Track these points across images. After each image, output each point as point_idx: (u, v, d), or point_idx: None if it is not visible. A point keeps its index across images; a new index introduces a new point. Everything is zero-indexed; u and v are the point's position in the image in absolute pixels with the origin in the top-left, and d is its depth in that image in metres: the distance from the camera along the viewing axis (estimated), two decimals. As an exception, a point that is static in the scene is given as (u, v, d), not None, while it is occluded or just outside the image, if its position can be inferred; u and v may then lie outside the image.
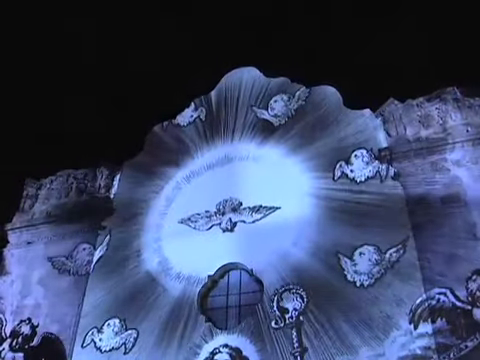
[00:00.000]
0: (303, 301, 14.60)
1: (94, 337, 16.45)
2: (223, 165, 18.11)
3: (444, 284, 13.19)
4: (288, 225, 16.00)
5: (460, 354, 12.32)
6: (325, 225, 15.55)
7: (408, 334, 12.96)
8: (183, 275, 16.29)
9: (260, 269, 15.52)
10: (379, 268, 14.28)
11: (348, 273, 14.56)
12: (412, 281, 13.58)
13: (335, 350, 13.42)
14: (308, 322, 14.19)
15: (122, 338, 16.01)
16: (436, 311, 13.00)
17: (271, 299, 15.00)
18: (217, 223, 17.02)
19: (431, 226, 14.08)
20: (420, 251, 13.88)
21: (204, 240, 16.70)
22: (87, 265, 17.70)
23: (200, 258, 16.16)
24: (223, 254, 16.15)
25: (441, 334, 12.65)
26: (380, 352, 12.98)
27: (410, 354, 12.72)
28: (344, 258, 14.80)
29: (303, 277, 14.96)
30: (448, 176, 14.51)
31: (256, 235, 16.25)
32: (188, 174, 18.39)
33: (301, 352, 13.83)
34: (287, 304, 14.74)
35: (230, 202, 17.18)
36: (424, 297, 13.27)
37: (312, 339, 13.88)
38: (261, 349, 14.31)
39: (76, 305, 16.79)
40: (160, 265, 16.85)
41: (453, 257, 13.40)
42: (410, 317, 13.20)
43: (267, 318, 14.75)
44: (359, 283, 14.28)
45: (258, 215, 16.65)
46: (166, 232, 17.58)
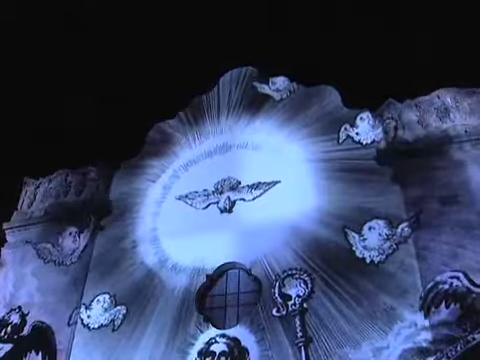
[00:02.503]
0: (307, 287, 13.76)
1: (82, 314, 15.88)
2: (220, 151, 17.50)
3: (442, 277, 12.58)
4: (290, 198, 15.39)
5: (467, 346, 11.78)
6: (329, 189, 15.02)
7: (413, 326, 12.13)
8: (180, 266, 15.54)
9: (261, 252, 14.78)
10: (390, 243, 13.62)
11: (357, 249, 13.87)
12: (416, 271, 12.90)
13: (338, 342, 12.63)
14: (312, 310, 13.35)
15: (111, 314, 15.47)
16: (449, 296, 12.26)
17: (272, 285, 14.17)
18: (215, 202, 16.42)
19: (432, 223, 13.51)
20: (423, 241, 13.28)
21: (203, 227, 15.91)
22: (72, 254, 17.29)
23: (198, 248, 15.45)
24: (222, 240, 15.37)
25: (447, 326, 12.13)
26: (384, 345, 12.21)
27: (415, 347, 11.90)
28: (352, 233, 14.10)
29: (308, 256, 14.25)
30: (447, 175, 13.98)
31: (256, 216, 15.53)
32: (186, 162, 17.74)
33: (305, 342, 12.90)
34: (290, 290, 13.87)
35: (228, 181, 16.57)
36: (435, 281, 12.56)
37: (315, 329, 13.06)
38: (261, 339, 13.44)
39: (71, 301, 16.23)
40: (156, 256, 16.09)
41: (457, 248, 13.05)
42: (420, 303, 12.44)
43: (268, 306, 13.89)
44: (369, 260, 13.64)
45: (258, 191, 16.04)
46: (163, 221, 16.87)
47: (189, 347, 14.09)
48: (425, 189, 13.93)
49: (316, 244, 14.39)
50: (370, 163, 15.10)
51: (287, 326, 13.43)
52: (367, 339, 12.49)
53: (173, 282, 15.38)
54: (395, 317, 12.57)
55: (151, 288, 15.49)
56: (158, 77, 25.56)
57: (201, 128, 18.36)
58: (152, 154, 18.53)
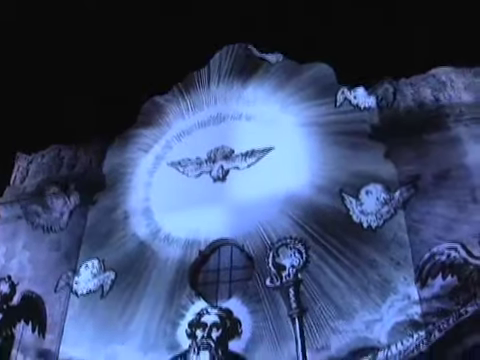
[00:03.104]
0: (302, 257, 13.47)
1: (69, 280, 15.75)
2: (214, 122, 17.08)
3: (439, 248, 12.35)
4: (285, 164, 15.04)
5: (459, 319, 11.67)
6: (325, 154, 14.71)
7: (406, 299, 11.92)
8: (172, 237, 15.28)
9: (256, 221, 14.46)
10: (388, 208, 13.37)
11: (354, 214, 13.59)
12: (410, 244, 12.65)
13: (330, 314, 12.43)
14: (306, 281, 13.09)
15: (100, 280, 15.35)
16: (446, 267, 12.02)
17: (266, 255, 13.89)
18: (207, 171, 16.09)
19: (425, 195, 13.26)
20: (417, 214, 13.02)
21: (196, 197, 15.58)
22: (61, 218, 17.15)
23: (191, 219, 15.14)
24: (216, 209, 15.07)
25: (440, 299, 12.04)
26: (377, 317, 12.04)
27: (407, 319, 11.75)
28: (349, 197, 13.81)
29: (304, 222, 13.97)
30: (441, 152, 13.64)
31: (250, 184, 15.21)
32: (179, 133, 17.32)
33: (299, 313, 12.68)
34: (284, 260, 13.58)
35: (221, 150, 16.20)
36: (432, 252, 12.35)
37: (308, 300, 12.83)
38: (254, 310, 13.24)
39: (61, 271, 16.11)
40: (148, 227, 15.82)
41: (452, 222, 12.87)
42: (417, 274, 12.19)
43: (261, 276, 13.62)
44: (366, 224, 13.37)
45: (252, 159, 15.67)
46: (155, 191, 16.58)
47: (180, 318, 13.91)
48: (419, 166, 13.62)
49: (312, 210, 14.09)
50: (367, 127, 14.80)
51: (281, 297, 13.20)
52: (360, 311, 12.26)
53: (166, 254, 15.11)
54: (388, 290, 12.33)
55: (143, 260, 15.25)
56: (154, 53, 25.16)
57: (194, 99, 17.89)
58: (145, 124, 18.13)
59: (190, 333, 13.64)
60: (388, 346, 11.81)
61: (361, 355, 11.91)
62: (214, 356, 13.16)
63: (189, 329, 13.67)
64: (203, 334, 13.46)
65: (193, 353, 13.36)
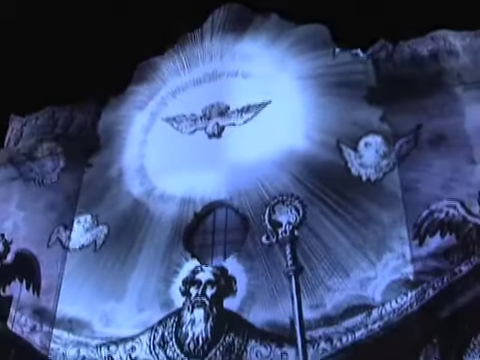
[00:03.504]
0: (298, 214, 13.31)
1: (60, 235, 15.75)
2: (210, 79, 16.72)
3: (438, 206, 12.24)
4: (282, 118, 14.80)
5: (454, 278, 11.63)
6: (323, 106, 14.43)
7: (401, 258, 11.87)
8: (167, 195, 15.10)
9: (253, 177, 14.25)
10: (388, 161, 13.20)
11: (353, 166, 13.45)
12: (407, 203, 12.50)
13: (326, 272, 12.38)
14: (302, 238, 12.96)
15: (92, 235, 15.31)
16: (445, 225, 11.94)
17: (262, 211, 13.74)
18: (202, 127, 15.83)
19: (423, 154, 13.09)
20: (414, 173, 12.85)
21: (191, 155, 15.36)
22: (53, 171, 17.00)
23: (186, 176, 14.92)
24: (211, 166, 14.83)
25: (435, 258, 12.03)
26: (372, 275, 12.01)
27: (402, 278, 11.72)
28: (347, 149, 13.65)
29: (303, 176, 13.81)
30: (438, 116, 13.38)
31: (246, 140, 14.96)
32: (174, 89, 16.98)
33: (295, 271, 12.58)
34: (280, 217, 13.42)
35: (217, 106, 15.91)
36: (431, 210, 12.24)
37: (304, 258, 12.72)
38: (249, 268, 13.16)
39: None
40: (143, 186, 15.62)
41: (450, 180, 12.80)
42: (415, 232, 12.11)
43: (257, 233, 13.48)
44: (365, 177, 13.24)
45: (248, 114, 15.40)
46: (149, 148, 16.33)
47: (174, 276, 13.84)
48: (410, 142, 13.37)
49: (311, 164, 13.92)
50: (365, 77, 14.59)
51: (277, 254, 13.11)
52: (355, 269, 12.22)
53: (160, 212, 14.98)
54: (384, 248, 12.28)
55: (138, 218, 15.11)
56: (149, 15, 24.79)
57: (190, 55, 17.50)
58: (140, 81, 17.76)
59: (184, 291, 13.58)
60: (382, 304, 11.79)
61: (356, 313, 11.89)
62: (208, 314, 13.11)
63: (183, 287, 13.61)
64: (197, 292, 13.39)
65: (187, 311, 13.31)
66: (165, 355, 13.15)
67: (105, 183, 16.17)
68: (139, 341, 13.55)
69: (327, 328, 11.96)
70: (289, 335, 12.19)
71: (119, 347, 13.67)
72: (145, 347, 13.41)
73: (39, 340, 14.63)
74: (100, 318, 14.18)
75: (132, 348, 13.53)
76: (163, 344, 13.31)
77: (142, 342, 13.51)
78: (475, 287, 11.27)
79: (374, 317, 11.75)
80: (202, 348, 12.85)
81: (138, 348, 13.49)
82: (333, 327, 11.94)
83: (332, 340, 11.82)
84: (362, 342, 11.65)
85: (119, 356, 13.56)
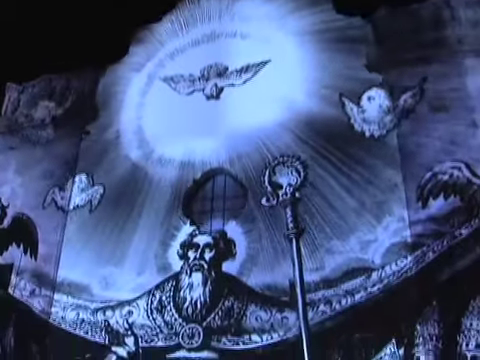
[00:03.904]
0: (299, 175, 13.04)
1: (55, 196, 15.62)
2: (208, 40, 16.29)
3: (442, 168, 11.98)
4: (282, 76, 14.42)
5: (454, 241, 11.36)
6: (324, 61, 14.06)
7: (401, 221, 11.70)
8: (165, 159, 14.87)
9: (253, 137, 13.95)
10: (392, 117, 12.86)
11: (355, 122, 13.10)
12: (408, 165, 12.23)
13: (326, 234, 12.21)
14: (303, 200, 12.72)
15: (88, 195, 15.16)
16: (449, 187, 11.74)
17: (262, 173, 13.49)
18: (200, 89, 15.46)
19: (424, 117, 12.70)
20: (416, 137, 12.53)
21: (189, 116, 15.03)
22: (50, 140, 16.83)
23: (185, 139, 14.67)
24: (210, 128, 14.51)
25: (435, 221, 11.92)
26: (372, 238, 11.84)
27: (402, 241, 11.54)
28: (350, 103, 13.28)
29: (305, 134, 13.48)
30: (439, 83, 12.97)
31: (245, 100, 14.61)
32: (172, 51, 16.57)
33: (297, 234, 12.37)
34: (281, 179, 13.16)
35: (215, 67, 15.52)
36: (434, 172, 11.97)
37: (304, 221, 12.51)
38: (249, 230, 12.98)
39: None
40: (141, 149, 15.35)
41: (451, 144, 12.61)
42: (418, 193, 11.84)
43: (257, 195, 13.26)
44: (368, 134, 12.94)
45: (248, 74, 15.01)
46: (147, 110, 16.00)
47: (171, 239, 13.69)
48: (415, 97, 13.07)
49: (313, 121, 13.58)
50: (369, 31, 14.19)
51: (277, 217, 12.90)
52: (355, 232, 12.06)
53: (159, 175, 14.77)
54: (384, 211, 12.08)
55: (136, 182, 14.92)
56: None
57: (188, 16, 16.98)
58: (137, 43, 17.39)
59: (182, 254, 13.43)
60: (382, 267, 11.67)
61: (355, 275, 11.79)
62: (207, 278, 12.96)
63: (181, 250, 13.45)
64: (195, 255, 13.22)
65: (185, 275, 13.16)
66: (163, 320, 13.03)
67: (103, 146, 15.93)
68: (136, 306, 13.42)
69: (326, 291, 11.87)
70: (289, 298, 12.08)
71: (115, 312, 13.56)
72: (142, 312, 13.28)
73: (38, 304, 14.60)
74: (99, 281, 14.12)
75: (129, 312, 13.41)
76: (161, 308, 13.18)
77: (139, 307, 13.38)
78: (475, 250, 11.15)
79: (373, 280, 11.65)
80: (200, 312, 12.70)
81: (135, 313, 13.37)
82: (332, 290, 11.85)
83: (331, 303, 11.75)
84: (361, 305, 11.58)
85: (115, 321, 13.42)
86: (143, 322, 13.16)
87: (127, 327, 13.19)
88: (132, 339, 13.02)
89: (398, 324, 11.12)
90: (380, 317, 11.29)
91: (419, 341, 10.84)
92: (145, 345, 12.97)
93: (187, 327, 12.69)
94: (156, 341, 12.96)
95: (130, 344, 12.99)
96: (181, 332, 12.70)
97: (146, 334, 13.03)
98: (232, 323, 12.44)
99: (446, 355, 10.61)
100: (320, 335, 11.64)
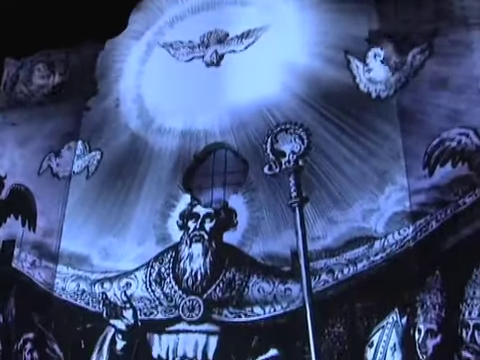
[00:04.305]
0: (303, 143, 12.65)
1: (51, 162, 15.37)
2: (208, 7, 15.72)
3: (449, 134, 11.56)
4: (284, 40, 13.94)
5: (457, 210, 11.03)
6: (328, 22, 13.52)
7: (404, 190, 11.44)
8: (165, 128, 14.47)
9: (257, 102, 13.51)
10: (399, 75, 12.41)
11: (361, 82, 12.65)
12: (412, 133, 11.89)
13: (327, 204, 11.94)
14: (305, 169, 12.37)
15: (84, 161, 14.92)
16: (457, 154, 11.39)
17: (263, 141, 13.11)
18: (199, 56, 15.00)
19: (429, 85, 12.23)
20: (420, 104, 12.11)
21: (189, 84, 14.59)
22: (51, 115, 16.38)
23: (185, 107, 14.26)
24: (211, 95, 14.06)
25: (439, 190, 11.66)
26: (374, 207, 11.56)
27: (405, 210, 11.28)
28: (355, 61, 12.83)
29: (309, 96, 13.02)
30: (440, 57, 12.47)
31: (247, 66, 14.16)
32: (171, 19, 16.06)
33: (300, 202, 12.04)
34: (283, 146, 12.76)
35: (215, 34, 15.03)
36: (442, 138, 11.58)
37: (305, 190, 12.19)
38: (251, 200, 12.64)
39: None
40: (140, 118, 14.96)
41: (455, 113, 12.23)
42: (425, 161, 11.51)
43: (258, 164, 12.91)
44: (375, 94, 12.51)
45: (250, 39, 14.53)
46: (146, 78, 15.59)
47: (170, 209, 13.41)
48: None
49: (318, 82, 13.12)
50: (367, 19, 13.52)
51: (280, 185, 12.58)
52: (358, 201, 11.78)
53: (159, 146, 14.43)
54: (386, 180, 11.78)
55: (138, 152, 14.59)
56: None
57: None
58: (137, 10, 16.90)
59: (181, 224, 13.13)
60: (385, 236, 11.45)
61: (358, 245, 11.59)
62: (207, 248, 12.66)
63: (180, 220, 13.15)
64: (195, 225, 12.92)
65: (185, 245, 12.85)
66: (162, 292, 12.77)
67: (102, 115, 15.64)
68: (134, 278, 13.16)
69: (328, 260, 11.67)
70: (291, 267, 11.90)
71: (113, 284, 13.32)
72: (141, 284, 13.01)
73: (39, 275, 14.45)
74: (99, 252, 13.90)
75: (127, 285, 13.15)
76: (160, 280, 12.89)
77: (137, 278, 13.11)
78: (479, 219, 10.92)
79: (376, 249, 11.43)
80: (201, 284, 12.42)
81: (133, 285, 13.11)
82: (334, 259, 11.65)
83: (333, 272, 11.56)
84: (364, 274, 11.39)
85: (113, 293, 13.19)
86: (142, 294, 12.92)
87: (125, 300, 12.93)
88: (131, 312, 12.80)
89: (401, 293, 10.98)
90: (383, 286, 11.14)
91: (422, 310, 10.69)
92: (144, 318, 12.75)
93: (187, 299, 12.42)
94: (155, 314, 12.73)
95: (129, 317, 12.76)
96: (181, 304, 12.44)
97: (145, 307, 12.81)
98: (233, 295, 12.16)
99: (449, 324, 10.44)
100: (322, 304, 11.47)
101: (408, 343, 10.64)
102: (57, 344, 13.48)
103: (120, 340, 12.70)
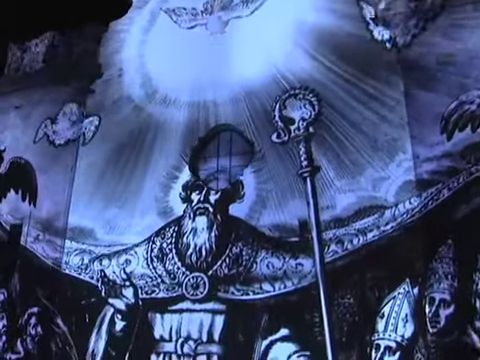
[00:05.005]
0: (313, 109, 11.96)
1: (47, 130, 14.90)
2: None
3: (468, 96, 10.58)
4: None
5: (470, 178, 11.00)
6: None
7: (415, 158, 10.89)
8: (169, 99, 13.84)
9: (264, 65, 12.73)
10: (416, 20, 11.43)
11: (375, 29, 11.85)
12: (421, 99, 10.99)
13: (336, 173, 11.35)
14: (314, 136, 11.66)
15: (80, 127, 14.31)
16: (476, 118, 10.59)
17: (271, 108, 12.38)
18: (202, 23, 14.35)
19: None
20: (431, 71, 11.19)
21: (193, 53, 13.94)
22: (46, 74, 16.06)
23: (189, 77, 13.61)
24: (216, 63, 13.38)
25: (450, 158, 11.24)
26: (384, 176, 10.99)
27: (416, 178, 10.68)
28: (368, 7, 11.95)
29: (320, 53, 12.21)
30: (445, 37, 11.76)
31: (253, 31, 13.42)
32: None
33: (311, 171, 11.46)
34: (293, 113, 12.06)
35: (218, 0, 14.32)
36: (460, 101, 10.67)
37: (316, 158, 11.56)
38: (259, 169, 12.04)
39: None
40: (143, 88, 14.36)
41: (470, 78, 11.67)
42: (442, 126, 10.79)
43: (267, 131, 12.18)
44: (390, 45, 11.61)
45: (255, 3, 13.76)
46: (149, 48, 14.93)
47: (172, 181, 12.84)
48: (421, 51, 12.01)
49: (329, 38, 12.33)
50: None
51: (289, 154, 11.92)
52: (367, 169, 11.21)
53: (163, 117, 13.78)
54: (396, 148, 11.18)
55: (141, 123, 13.95)
56: None
57: None
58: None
59: (184, 197, 12.48)
60: (395, 205, 10.95)
61: (368, 214, 11.10)
62: (212, 222, 12.04)
63: (183, 192, 12.54)
64: (199, 198, 12.28)
65: (188, 219, 12.19)
66: (164, 269, 12.05)
67: (104, 86, 15.07)
68: (134, 254, 12.51)
69: (338, 230, 11.19)
70: (298, 238, 11.45)
71: (112, 261, 12.73)
72: (141, 260, 12.34)
73: (42, 249, 14.01)
74: (103, 226, 13.41)
75: (126, 261, 12.50)
76: (162, 256, 12.18)
77: (138, 255, 12.45)
78: (493, 187, 10.48)
79: (387, 218, 10.95)
80: (205, 260, 11.71)
81: (133, 261, 12.44)
82: (344, 229, 11.17)
83: (343, 242, 11.12)
84: (374, 243, 10.89)
85: (112, 271, 12.56)
86: (142, 272, 12.23)
87: (125, 277, 12.26)
88: (131, 290, 12.11)
89: (412, 263, 10.52)
90: (393, 256, 10.70)
91: (434, 280, 10.25)
92: (145, 297, 12.03)
93: (191, 276, 11.69)
94: (157, 292, 11.98)
95: (129, 296, 12.08)
96: (184, 282, 11.68)
97: (146, 285, 12.10)
98: (241, 271, 11.41)
99: (462, 294, 10.01)
100: (331, 275, 10.97)
101: (420, 314, 10.20)
102: (61, 318, 13.08)
103: (119, 320, 12.01)
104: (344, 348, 10.51)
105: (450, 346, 9.74)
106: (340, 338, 10.40)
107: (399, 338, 10.24)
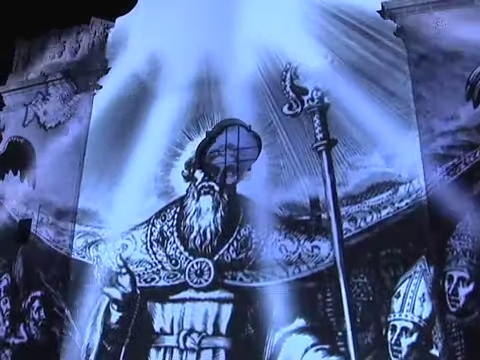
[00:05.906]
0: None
1: (37, 109, 14.47)
2: None
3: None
4: None
5: None
6: None
7: (428, 133, 10.33)
8: (174, 74, 13.03)
9: (270, 36, 11.85)
10: None
11: None
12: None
13: (348, 148, 10.83)
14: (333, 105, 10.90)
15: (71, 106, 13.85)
16: None
17: (282, 77, 11.62)
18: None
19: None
20: None
21: (202, 22, 12.81)
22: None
23: (197, 50, 12.70)
24: (224, 36, 12.35)
25: (466, 132, 10.60)
26: (398, 151, 10.51)
27: (431, 153, 10.22)
28: None
29: (329, 23, 11.48)
30: (451, 30, 11.03)
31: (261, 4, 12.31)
32: None
33: (327, 145, 10.75)
34: (305, 82, 11.32)
35: None
36: None
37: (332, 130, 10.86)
38: (269, 144, 11.31)
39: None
40: (148, 64, 13.54)
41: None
42: (468, 91, 10.28)
43: (277, 102, 11.45)
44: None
45: None
46: (155, 25, 13.91)
47: (173, 158, 12.18)
48: (428, 44, 11.24)
49: (338, 11, 11.60)
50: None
51: (302, 126, 11.22)
52: (380, 145, 10.71)
53: (166, 93, 13.15)
54: (409, 124, 10.73)
55: (144, 99, 13.33)
56: None
57: None
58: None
59: (188, 175, 11.82)
60: (410, 181, 10.42)
61: (381, 190, 10.58)
62: (218, 202, 11.31)
63: (186, 170, 11.88)
64: (204, 175, 11.62)
65: (192, 199, 11.52)
66: (165, 254, 11.40)
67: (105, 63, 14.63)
68: (131, 238, 11.83)
69: (350, 207, 10.64)
70: (310, 216, 10.76)
71: (107, 245, 12.10)
72: (139, 245, 11.68)
73: (46, 233, 13.50)
74: (104, 207, 12.80)
75: (123, 246, 11.82)
76: (162, 240, 11.51)
77: (136, 239, 11.78)
78: (511, 161, 9.85)
79: (401, 194, 10.41)
80: (211, 244, 11.08)
81: (130, 246, 11.78)
82: (357, 206, 10.63)
83: (356, 219, 10.58)
84: (388, 220, 10.36)
85: (108, 256, 11.93)
86: (141, 257, 11.59)
87: (121, 264, 11.60)
88: (127, 278, 11.48)
89: (428, 240, 9.99)
90: (409, 233, 10.19)
91: (452, 257, 9.67)
92: (144, 285, 11.45)
93: (194, 262, 11.11)
94: (157, 280, 11.38)
95: (125, 284, 11.47)
96: (187, 268, 11.11)
97: (145, 272, 11.49)
98: (250, 255, 10.78)
99: (480, 271, 9.43)
100: (344, 254, 10.47)
101: (438, 293, 9.59)
102: (64, 302, 12.46)
103: (115, 311, 11.42)
104: (358, 330, 10.00)
105: (471, 326, 9.24)
106: (353, 319, 9.99)
107: (416, 318, 9.71)
